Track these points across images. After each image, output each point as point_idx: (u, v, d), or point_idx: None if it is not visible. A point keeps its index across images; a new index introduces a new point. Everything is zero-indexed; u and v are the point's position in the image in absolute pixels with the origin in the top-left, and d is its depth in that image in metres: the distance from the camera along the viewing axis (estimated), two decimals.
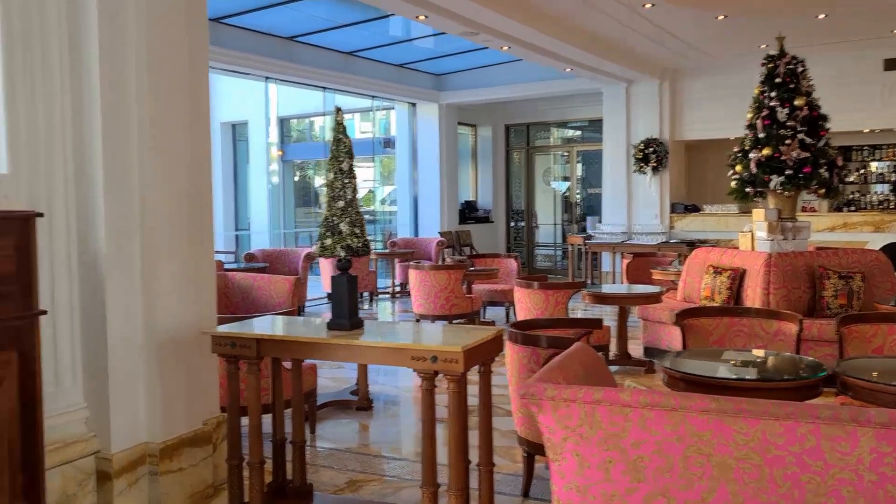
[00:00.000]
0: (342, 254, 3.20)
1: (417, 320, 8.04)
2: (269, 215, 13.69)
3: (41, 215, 2.88)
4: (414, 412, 5.55)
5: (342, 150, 3.21)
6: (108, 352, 3.41)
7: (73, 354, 3.41)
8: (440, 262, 11.70)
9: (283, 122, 15.49)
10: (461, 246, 13.64)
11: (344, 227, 3.18)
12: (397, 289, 11.91)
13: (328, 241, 3.20)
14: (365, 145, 14.72)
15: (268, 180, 14.49)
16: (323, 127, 16.47)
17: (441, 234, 13.37)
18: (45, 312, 2.89)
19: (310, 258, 9.76)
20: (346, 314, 3.23)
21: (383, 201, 16.29)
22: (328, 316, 3.34)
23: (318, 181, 17.59)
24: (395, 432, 5.17)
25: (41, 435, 2.86)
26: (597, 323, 4.34)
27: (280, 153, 15.41)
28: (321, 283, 11.13)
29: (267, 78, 11.07)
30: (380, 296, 11.90)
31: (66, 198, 3.38)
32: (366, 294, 11.25)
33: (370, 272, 10.99)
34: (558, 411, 2.30)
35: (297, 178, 16.78)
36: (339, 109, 3.25)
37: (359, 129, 16.94)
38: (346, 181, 3.21)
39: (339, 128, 3.22)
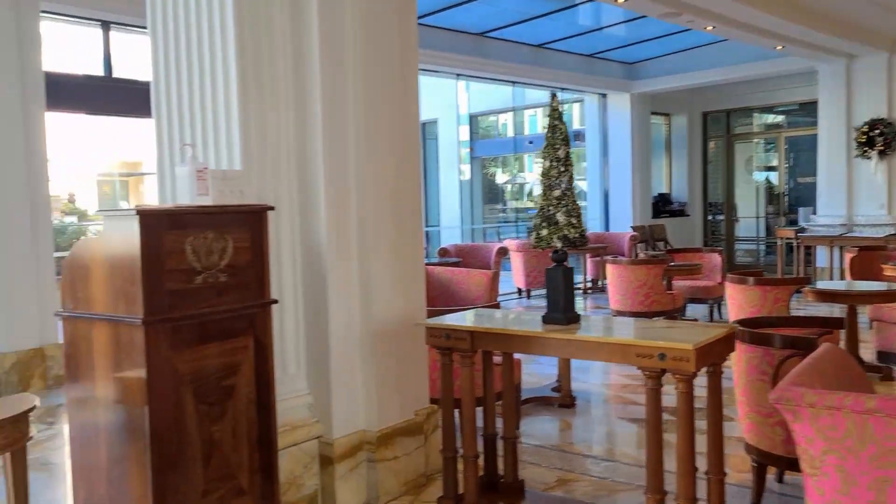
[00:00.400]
0: (559, 245, 3.08)
1: (614, 317, 7.77)
2: (459, 211, 13.91)
3: (272, 209, 3.02)
4: (616, 411, 5.33)
5: (558, 138, 3.09)
6: (330, 341, 3.53)
7: (297, 343, 3.57)
8: (633, 257, 11.28)
9: (472, 120, 15.68)
10: (655, 241, 13.09)
11: (560, 217, 3.06)
12: (588, 284, 11.64)
13: (544, 232, 3.09)
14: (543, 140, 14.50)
15: (458, 177, 14.73)
16: (505, 124, 16.51)
17: (633, 228, 12.91)
18: (276, 301, 3.03)
19: (502, 253, 9.76)
20: (562, 308, 3.11)
21: None
22: (520, 310, 3.24)
23: (502, 177, 17.67)
24: (600, 432, 4.98)
25: (274, 416, 3.00)
26: (837, 322, 3.90)
27: (469, 150, 15.64)
28: (512, 278, 11.12)
29: (458, 75, 11.21)
30: None
31: (290, 193, 3.55)
32: None
33: None
34: (819, 420, 2.04)
35: (484, 175, 16.95)
36: (554, 95, 3.14)
37: (541, 124, 16.79)
38: (563, 169, 3.09)
39: (555, 114, 3.10)
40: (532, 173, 18.63)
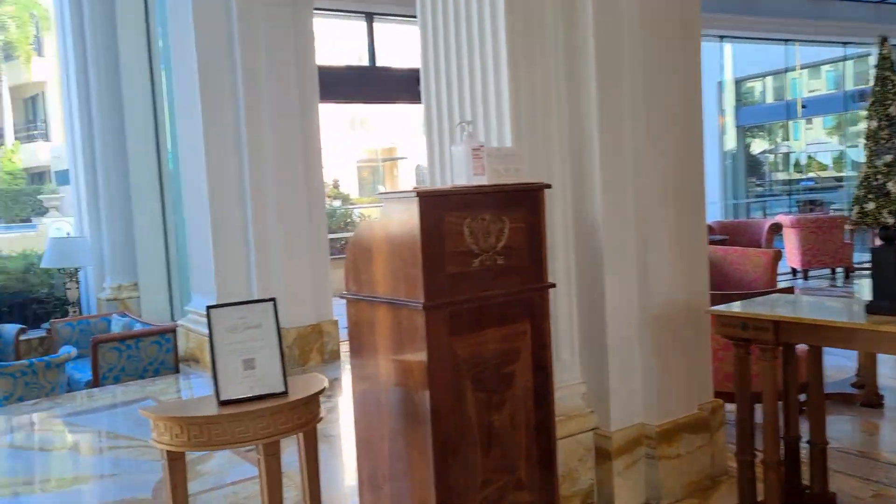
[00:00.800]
0: (890, 220, 2.56)
1: None
2: (719, 185, 12.95)
3: (549, 187, 2.83)
4: None
5: (889, 92, 2.56)
6: (607, 327, 3.30)
7: (570, 329, 3.38)
8: None
9: (736, 85, 14.48)
10: None
11: (892, 187, 2.54)
12: None
13: (870, 206, 2.59)
14: (819, 103, 12.94)
15: (719, 148, 13.69)
16: (763, 91, 15.03)
17: None
18: (554, 285, 2.85)
19: (774, 229, 8.86)
20: (894, 295, 2.59)
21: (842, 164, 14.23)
22: (797, 292, 2.74)
23: (760, 146, 16.17)
24: None
25: (552, 405, 2.84)
26: None
27: (726, 119, 14.49)
28: (784, 257, 10.09)
29: (721, 37, 10.34)
30: (855, 272, 10.34)
31: (563, 172, 3.35)
32: (839, 270, 9.89)
33: (845, 244, 9.59)
34: None
35: (747, 145, 15.65)
36: (884, 40, 2.60)
37: (807, 87, 15.10)
38: (894, 130, 2.56)
39: (885, 63, 2.57)
40: (798, 141, 16.87)
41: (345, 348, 6.56)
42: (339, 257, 9.13)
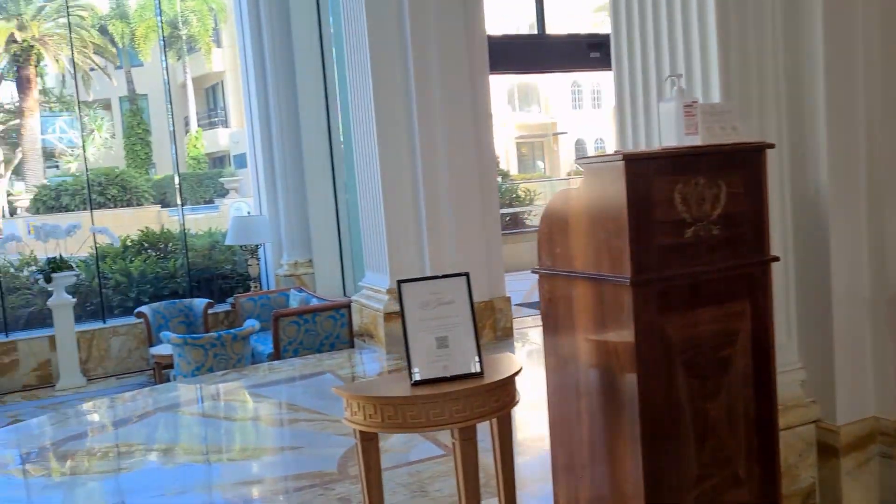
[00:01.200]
0: None
1: None
2: None
3: (772, 146, 2.48)
4: None
5: None
6: (832, 307, 2.89)
7: (787, 307, 3.00)
8: None
9: None
10: None
11: None
12: None
13: None
14: None
15: None
16: None
17: None
18: (777, 258, 2.51)
19: None
20: None
21: None
22: None
23: None
24: None
25: (774, 394, 2.53)
26: None
27: None
28: None
29: None
30: None
31: (779, 128, 2.96)
32: None
33: None
34: None
35: None
36: None
37: None
38: None
39: None
40: None
41: (517, 325, 6.41)
42: (506, 233, 8.99)
